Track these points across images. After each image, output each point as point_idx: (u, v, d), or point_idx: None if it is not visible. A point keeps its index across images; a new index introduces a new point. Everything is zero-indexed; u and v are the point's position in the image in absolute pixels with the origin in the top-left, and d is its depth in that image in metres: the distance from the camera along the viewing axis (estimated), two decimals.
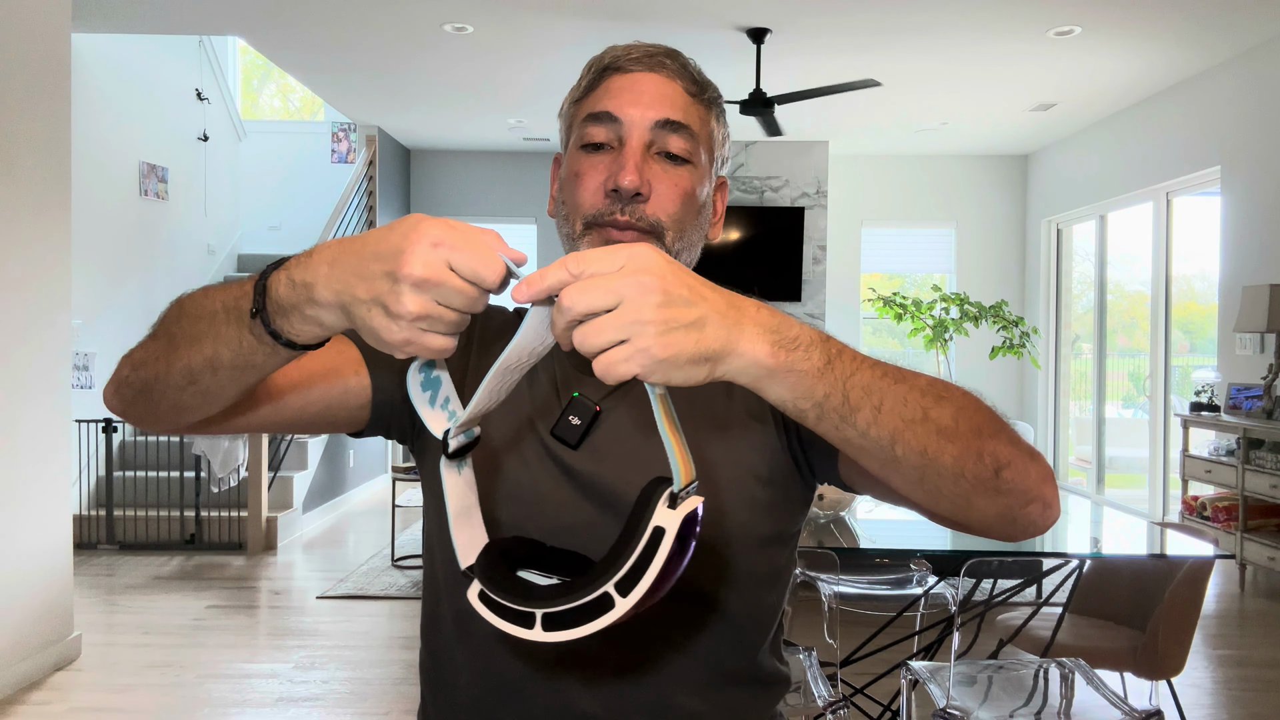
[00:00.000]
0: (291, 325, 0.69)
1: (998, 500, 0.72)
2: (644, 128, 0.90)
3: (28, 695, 3.35)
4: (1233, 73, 5.68)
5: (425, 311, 0.62)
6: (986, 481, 0.71)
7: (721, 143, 0.97)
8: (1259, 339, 5.30)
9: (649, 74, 0.92)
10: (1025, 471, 0.72)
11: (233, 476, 5.60)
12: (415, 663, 3.67)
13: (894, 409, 0.69)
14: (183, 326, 0.76)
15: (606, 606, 0.66)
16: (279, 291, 0.68)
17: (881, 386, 0.69)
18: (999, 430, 0.73)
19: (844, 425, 0.68)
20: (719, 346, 0.63)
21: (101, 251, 6.08)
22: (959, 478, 0.71)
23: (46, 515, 3.59)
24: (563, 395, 0.93)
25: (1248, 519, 4.84)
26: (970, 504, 0.73)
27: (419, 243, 0.62)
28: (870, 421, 0.68)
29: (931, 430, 0.70)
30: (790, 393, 0.66)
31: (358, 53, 5.74)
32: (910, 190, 8.73)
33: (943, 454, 0.70)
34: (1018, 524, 0.75)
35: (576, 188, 0.91)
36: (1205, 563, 2.58)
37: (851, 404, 0.67)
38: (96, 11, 5.01)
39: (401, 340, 0.63)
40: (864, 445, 0.69)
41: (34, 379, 3.51)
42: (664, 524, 0.65)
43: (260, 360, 0.74)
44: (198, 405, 0.81)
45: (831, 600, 2.93)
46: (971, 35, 5.27)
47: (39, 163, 3.53)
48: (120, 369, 0.82)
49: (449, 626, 0.95)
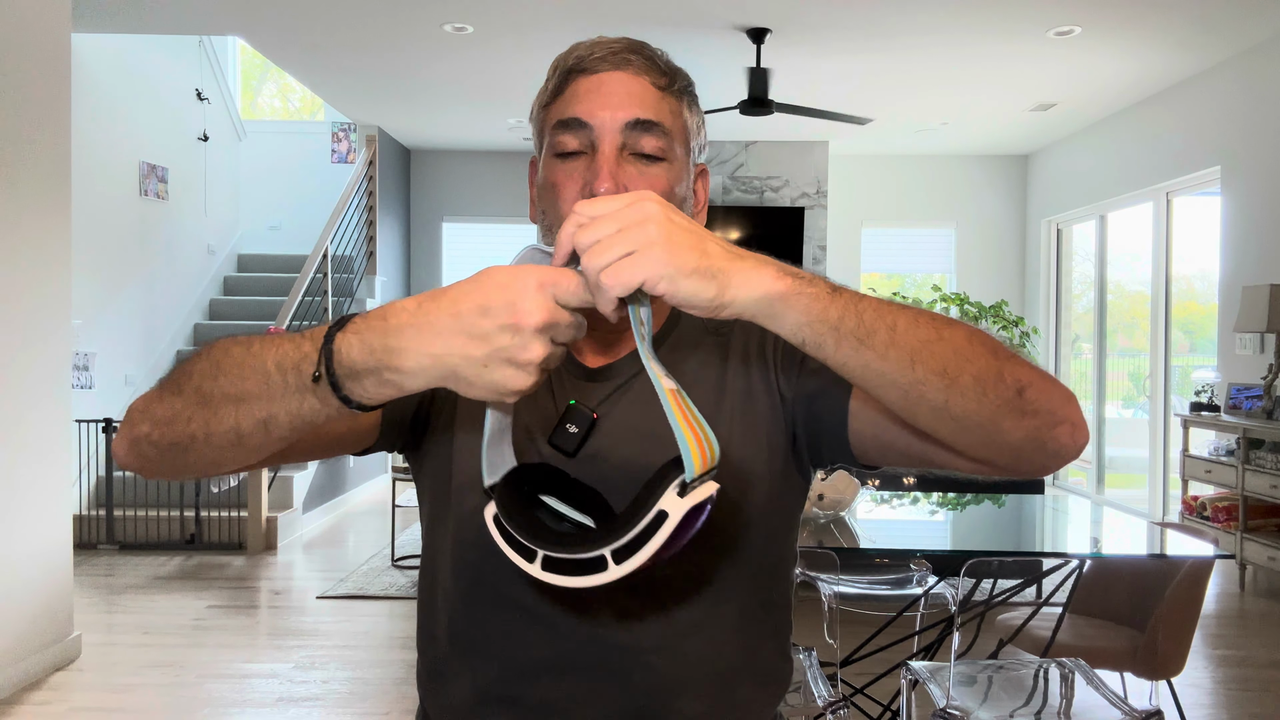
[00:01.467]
0: (365, 390, 0.68)
1: (1025, 422, 0.72)
2: (615, 130, 0.88)
3: (28, 695, 3.35)
4: (1232, 73, 5.68)
5: (548, 353, 0.65)
6: (1010, 401, 0.71)
7: (696, 131, 0.95)
8: (1259, 339, 5.30)
9: (615, 73, 0.90)
10: (1048, 391, 0.72)
11: (233, 476, 5.60)
12: (414, 663, 3.67)
13: (908, 329, 0.70)
14: (221, 385, 0.72)
15: (600, 568, 0.69)
16: (350, 355, 0.67)
17: (892, 310, 0.70)
18: (1014, 354, 0.73)
19: (863, 348, 0.69)
20: (724, 265, 0.67)
21: (101, 251, 6.08)
22: (982, 397, 0.70)
23: (46, 515, 3.59)
24: (559, 403, 0.92)
25: (1248, 519, 4.84)
26: (999, 428, 0.72)
27: (526, 289, 0.64)
28: (888, 342, 0.69)
29: (948, 349, 0.70)
30: (805, 315, 0.68)
31: (358, 53, 5.74)
32: (910, 190, 8.73)
33: (963, 373, 0.70)
34: (1048, 448, 0.73)
35: (555, 198, 0.89)
36: (1205, 563, 2.58)
37: (866, 325, 0.69)
38: (96, 11, 5.01)
39: (530, 386, 0.66)
40: (884, 369, 0.70)
41: (34, 379, 3.51)
42: (668, 509, 0.68)
43: (321, 420, 0.72)
44: (240, 459, 0.78)
45: (831, 600, 2.93)
46: (971, 35, 5.27)
47: (39, 163, 3.53)
48: (136, 425, 0.77)
49: (444, 639, 0.94)
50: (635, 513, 0.69)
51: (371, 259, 7.73)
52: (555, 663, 0.88)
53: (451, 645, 0.93)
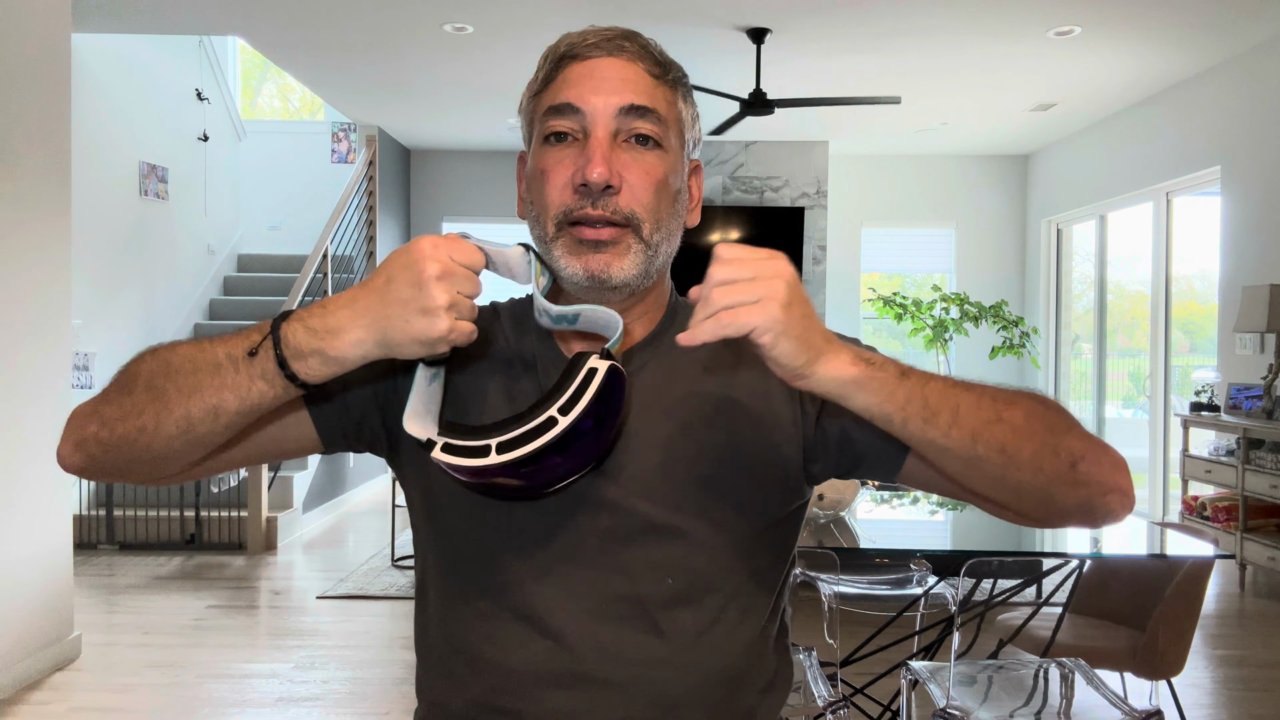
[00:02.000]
0: (309, 367, 0.77)
1: (1077, 491, 0.78)
2: (608, 115, 0.86)
3: (28, 695, 3.35)
4: (1232, 73, 5.68)
5: (451, 300, 0.74)
6: (1064, 475, 0.78)
7: (691, 124, 0.93)
8: (1259, 339, 5.30)
9: (609, 59, 0.89)
10: (1099, 463, 0.79)
11: (233, 477, 5.60)
12: (414, 663, 3.67)
13: (970, 411, 0.76)
14: (174, 380, 0.80)
15: (550, 425, 0.78)
16: (296, 339, 0.77)
17: (955, 392, 0.77)
18: (1070, 427, 0.79)
19: (928, 428, 0.76)
20: (820, 345, 0.75)
21: (101, 251, 6.08)
22: (1038, 472, 0.77)
23: (46, 515, 3.59)
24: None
25: (1248, 519, 4.84)
26: (1052, 497, 0.79)
27: (422, 250, 0.74)
28: (951, 423, 0.76)
29: (1007, 429, 0.77)
30: (874, 397, 0.75)
31: (358, 53, 5.74)
32: (910, 190, 8.73)
33: (1021, 450, 0.77)
34: (1097, 513, 0.80)
35: (544, 185, 0.87)
36: (1205, 563, 2.58)
37: (931, 408, 0.76)
38: (96, 11, 5.01)
39: (446, 328, 0.74)
40: (948, 446, 0.76)
41: (34, 379, 3.51)
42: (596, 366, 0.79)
43: (267, 403, 0.80)
44: (184, 452, 0.83)
45: (831, 600, 2.93)
46: (971, 35, 5.27)
47: (39, 163, 3.53)
48: (83, 426, 0.83)
49: (442, 647, 0.94)
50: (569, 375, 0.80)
51: (371, 259, 7.73)
52: (555, 673, 0.87)
53: (449, 654, 0.92)
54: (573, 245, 0.86)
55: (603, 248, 0.86)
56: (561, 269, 0.87)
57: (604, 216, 0.85)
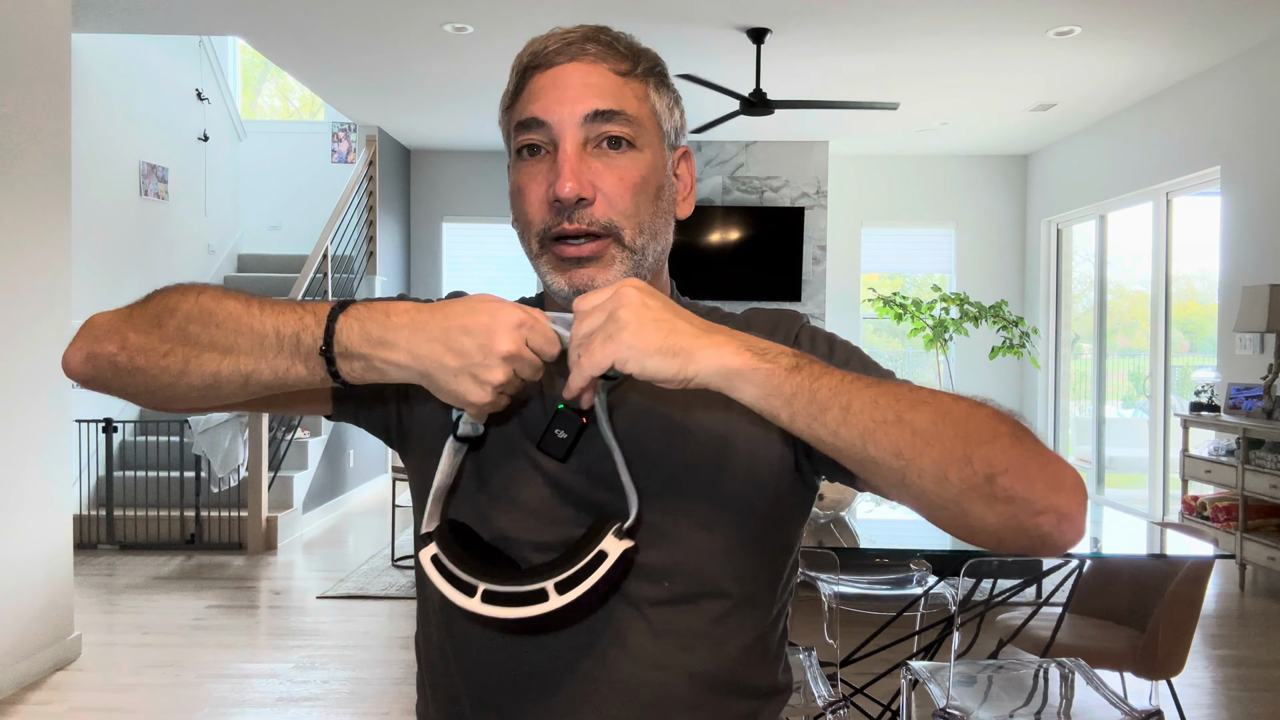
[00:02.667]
0: (353, 370, 0.77)
1: (996, 508, 0.70)
2: (574, 126, 0.85)
3: (28, 695, 3.35)
4: (1232, 73, 5.68)
5: (508, 379, 0.74)
6: (977, 488, 0.69)
7: (668, 113, 0.92)
8: (1259, 339, 5.30)
9: (571, 65, 0.87)
10: (1027, 478, 0.69)
11: (233, 476, 5.60)
12: (414, 663, 3.67)
13: (864, 409, 0.71)
14: (212, 333, 0.78)
15: (541, 599, 0.77)
16: (349, 338, 0.76)
17: (851, 389, 0.72)
18: (996, 436, 0.70)
19: (814, 424, 0.72)
20: (688, 343, 0.72)
21: (101, 251, 6.08)
22: (942, 481, 0.70)
23: (46, 515, 3.59)
24: (548, 408, 0.90)
25: (1248, 519, 4.84)
26: (965, 511, 0.71)
27: (506, 324, 0.74)
28: (839, 420, 0.72)
29: (906, 432, 0.71)
30: (759, 389, 0.73)
31: (358, 53, 5.74)
32: (910, 190, 8.73)
33: (921, 457, 0.70)
34: (1029, 535, 0.71)
35: (523, 202, 0.88)
36: (1205, 563, 2.58)
37: (819, 403, 0.72)
38: (96, 11, 5.01)
39: (486, 403, 0.75)
40: (836, 445, 0.73)
41: (34, 379, 3.51)
42: (608, 550, 0.78)
43: (300, 384, 0.79)
44: (199, 401, 0.83)
45: (831, 600, 2.93)
46: (971, 35, 5.27)
47: (39, 163, 3.53)
48: (100, 342, 0.81)
49: (438, 649, 0.94)
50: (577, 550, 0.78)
51: (371, 259, 7.73)
52: (551, 672, 0.87)
53: (445, 656, 0.93)
54: (556, 262, 0.88)
55: (585, 263, 0.86)
56: (549, 284, 0.89)
57: (581, 230, 0.85)
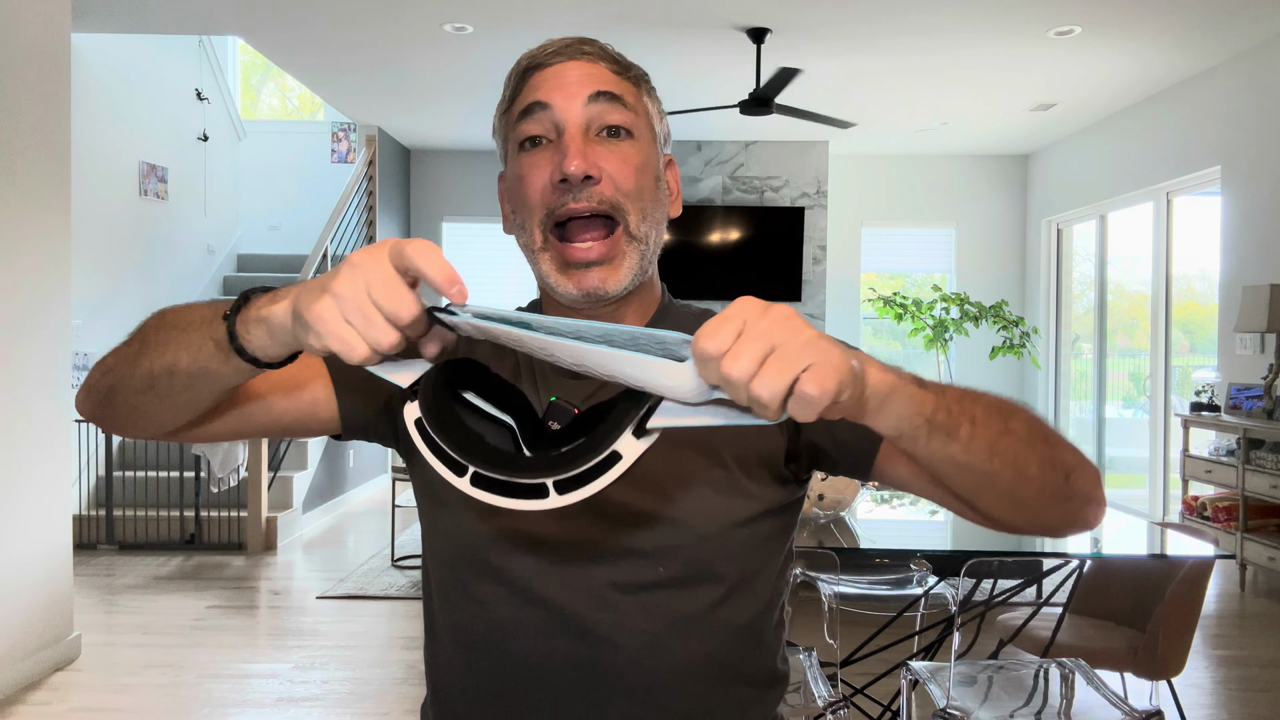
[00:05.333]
0: (250, 333, 0.71)
1: (1067, 505, 0.76)
2: (578, 107, 0.87)
3: (28, 695, 3.35)
4: (1232, 73, 5.68)
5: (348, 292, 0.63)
6: (1060, 488, 0.75)
7: (659, 118, 0.94)
8: (1259, 339, 5.30)
9: (571, 62, 0.89)
10: (1086, 475, 0.76)
11: (233, 476, 5.60)
12: (415, 663, 3.67)
13: (985, 422, 0.70)
14: (159, 334, 0.79)
15: (539, 494, 0.66)
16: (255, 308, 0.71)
17: (969, 402, 0.70)
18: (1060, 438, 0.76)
19: (950, 441, 0.69)
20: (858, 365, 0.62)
21: (101, 251, 6.08)
22: (1042, 486, 0.74)
23: (46, 515, 3.59)
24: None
25: (1248, 519, 4.84)
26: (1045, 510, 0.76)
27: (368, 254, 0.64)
28: (970, 435, 0.70)
29: (1015, 441, 0.72)
30: (907, 409, 0.66)
31: (358, 53, 5.73)
32: (910, 190, 8.73)
33: (1030, 463, 0.72)
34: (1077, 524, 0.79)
35: (524, 190, 0.88)
36: (1205, 563, 2.58)
37: (954, 419, 0.69)
38: (96, 11, 5.01)
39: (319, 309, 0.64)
40: (966, 460, 0.70)
41: (34, 379, 3.51)
42: (623, 451, 0.65)
43: (214, 368, 0.75)
44: (154, 412, 0.82)
45: (831, 600, 2.93)
46: (971, 35, 5.26)
47: (39, 163, 3.53)
48: (91, 373, 0.85)
49: (441, 632, 0.95)
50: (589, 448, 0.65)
51: None
52: (551, 657, 0.88)
53: (451, 638, 0.94)
54: (562, 264, 0.87)
55: (594, 266, 0.87)
56: (553, 286, 0.88)
57: (589, 208, 0.85)
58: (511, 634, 0.89)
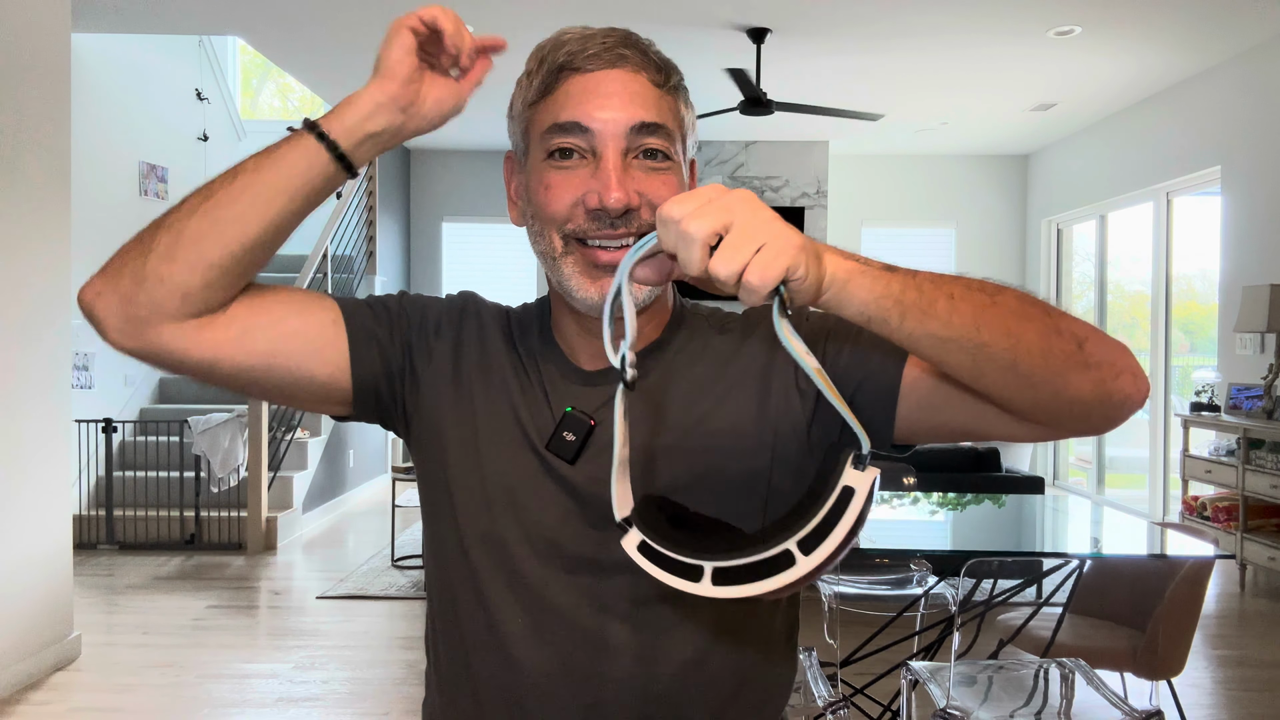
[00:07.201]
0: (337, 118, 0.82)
1: (1090, 374, 0.72)
2: (619, 136, 0.82)
3: (28, 695, 3.35)
4: (1232, 73, 5.68)
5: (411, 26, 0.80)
6: (1073, 355, 0.71)
7: (692, 128, 0.92)
8: (1259, 339, 5.30)
9: (612, 71, 0.85)
10: (1104, 342, 0.73)
11: (233, 476, 5.60)
12: (415, 663, 3.67)
13: (965, 296, 0.71)
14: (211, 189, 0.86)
15: (785, 564, 0.64)
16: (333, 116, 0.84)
17: (947, 280, 0.71)
18: (1064, 312, 0.73)
19: (927, 318, 0.69)
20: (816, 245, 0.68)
21: (101, 251, 5.95)
22: (1047, 353, 0.71)
23: (46, 515, 3.59)
24: (555, 409, 0.90)
25: (1248, 519, 4.84)
26: (1066, 382, 0.72)
27: None
28: (950, 309, 0.70)
29: (1006, 312, 0.71)
30: (871, 292, 0.68)
31: (358, 53, 5.73)
32: (910, 190, 8.73)
33: (1025, 332, 0.71)
34: (1114, 399, 0.73)
35: (547, 199, 0.84)
36: (1205, 563, 2.58)
37: (927, 296, 0.69)
38: (96, 11, 5.01)
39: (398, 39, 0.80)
40: (950, 336, 0.70)
41: (34, 379, 3.51)
42: (853, 484, 0.65)
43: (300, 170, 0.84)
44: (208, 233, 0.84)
45: (831, 600, 2.93)
46: (971, 35, 5.27)
47: (39, 162, 3.53)
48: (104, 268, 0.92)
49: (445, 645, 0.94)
50: (815, 497, 0.65)
51: (371, 259, 7.73)
52: (557, 663, 0.88)
53: (450, 641, 0.93)
54: (587, 268, 0.84)
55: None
56: (573, 291, 0.85)
57: (628, 233, 0.83)
58: (514, 639, 0.88)
